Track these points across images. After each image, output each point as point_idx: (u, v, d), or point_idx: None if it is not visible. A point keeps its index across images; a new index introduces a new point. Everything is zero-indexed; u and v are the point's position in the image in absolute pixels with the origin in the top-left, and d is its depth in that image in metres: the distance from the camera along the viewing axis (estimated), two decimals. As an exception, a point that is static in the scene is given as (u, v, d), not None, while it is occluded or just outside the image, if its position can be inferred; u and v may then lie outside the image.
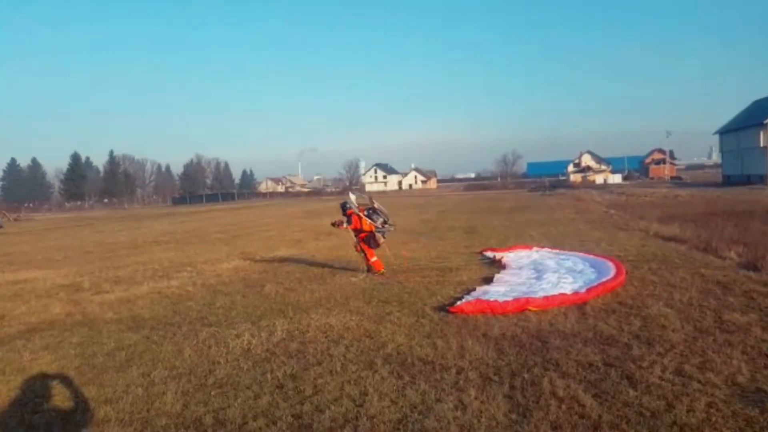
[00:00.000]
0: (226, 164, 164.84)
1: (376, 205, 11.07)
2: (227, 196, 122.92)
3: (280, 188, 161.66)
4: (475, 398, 4.23)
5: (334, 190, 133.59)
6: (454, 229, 19.76)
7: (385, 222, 10.73)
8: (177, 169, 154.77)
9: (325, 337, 6.23)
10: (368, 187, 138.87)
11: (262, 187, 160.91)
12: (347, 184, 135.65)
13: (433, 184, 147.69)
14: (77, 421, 4.15)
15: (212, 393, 4.66)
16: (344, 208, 11.36)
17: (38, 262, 15.98)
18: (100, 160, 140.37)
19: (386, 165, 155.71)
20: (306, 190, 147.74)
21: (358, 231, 10.70)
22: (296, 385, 4.76)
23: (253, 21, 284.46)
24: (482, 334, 6.02)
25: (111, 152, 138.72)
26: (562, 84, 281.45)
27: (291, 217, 36.44)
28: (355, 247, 10.88)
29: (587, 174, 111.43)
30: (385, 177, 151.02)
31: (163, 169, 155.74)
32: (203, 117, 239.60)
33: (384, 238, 10.67)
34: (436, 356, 5.34)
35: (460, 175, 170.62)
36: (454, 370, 4.91)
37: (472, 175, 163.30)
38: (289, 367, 5.23)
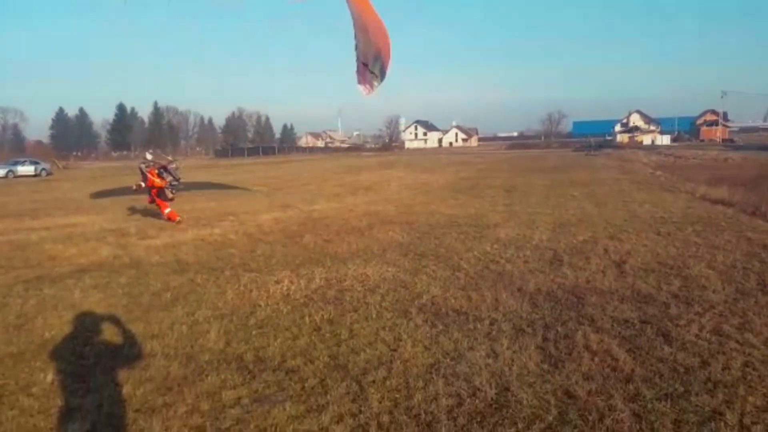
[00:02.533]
0: (267, 118, 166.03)
1: (170, 166, 13.33)
2: (268, 150, 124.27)
3: (320, 143, 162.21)
4: (507, 348, 4.29)
5: (373, 146, 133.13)
6: (493, 187, 19.53)
7: (173, 180, 12.77)
8: (219, 121, 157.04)
9: (362, 286, 6.38)
10: (408, 144, 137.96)
11: (302, 142, 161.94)
12: (387, 140, 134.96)
13: (474, 142, 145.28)
14: (125, 354, 4.44)
15: (253, 333, 4.89)
16: (142, 169, 12.95)
17: (86, 208, 16.75)
18: (145, 111, 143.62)
19: (427, 122, 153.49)
20: (345, 146, 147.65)
21: (151, 187, 12.40)
22: (333, 329, 4.93)
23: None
24: (517, 288, 6.04)
25: (155, 103, 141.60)
26: (610, 40, 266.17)
27: (330, 172, 36.72)
28: (149, 200, 12.68)
29: (635, 134, 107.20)
30: (425, 134, 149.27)
31: (206, 121, 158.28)
32: (246, 70, 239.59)
33: (173, 193, 12.56)
34: (470, 308, 5.41)
35: (502, 134, 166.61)
36: (487, 321, 4.98)
37: (515, 134, 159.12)
38: (326, 312, 5.41)
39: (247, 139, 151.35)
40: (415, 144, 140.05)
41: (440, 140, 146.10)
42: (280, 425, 3.26)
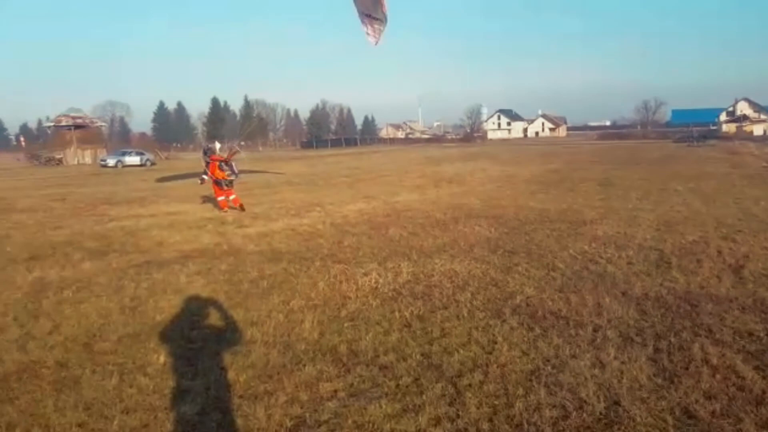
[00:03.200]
0: (349, 110, 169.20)
1: (233, 156, 14.77)
2: (350, 141, 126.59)
3: (400, 134, 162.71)
4: (615, 358, 4.02)
5: (455, 136, 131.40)
6: (586, 180, 18.60)
7: (231, 173, 13.53)
8: (304, 114, 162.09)
9: (450, 283, 6.28)
10: (491, 134, 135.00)
11: (383, 133, 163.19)
12: (468, 131, 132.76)
13: (562, 131, 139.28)
14: (228, 339, 4.65)
15: (345, 325, 4.95)
16: (206, 152, 14.54)
17: (187, 197, 17.83)
18: (236, 105, 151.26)
19: (510, 111, 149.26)
20: (426, 136, 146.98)
21: (212, 176, 13.48)
22: (424, 326, 4.88)
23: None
24: (622, 292, 5.68)
25: (246, 97, 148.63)
26: (711, 21, 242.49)
27: (411, 162, 36.71)
28: (215, 187, 13.60)
29: (743, 124, 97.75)
30: (509, 124, 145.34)
31: (292, 113, 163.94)
32: (329, 63, 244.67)
33: (226, 186, 13.43)
34: (570, 311, 5.15)
35: (593, 123, 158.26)
36: (590, 327, 4.70)
37: (607, 123, 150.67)
38: (416, 308, 5.37)
39: (330, 131, 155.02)
40: (498, 134, 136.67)
41: (525, 130, 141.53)
42: (377, 423, 3.26)
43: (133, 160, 52.15)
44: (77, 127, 66.69)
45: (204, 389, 3.70)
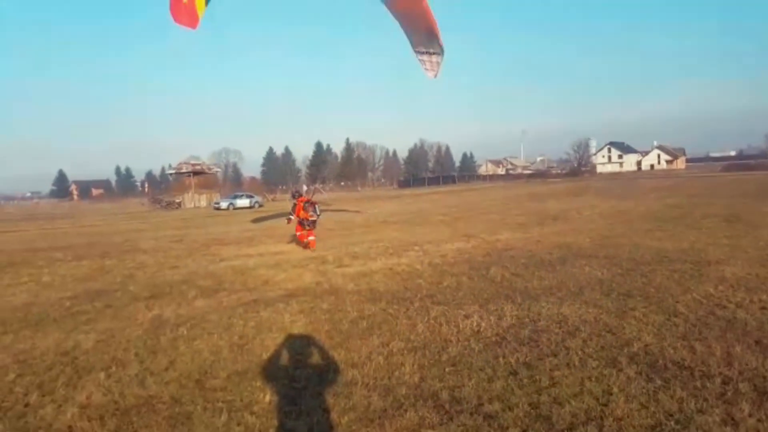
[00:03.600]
0: (447, 148, 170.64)
1: (318, 198, 16.00)
2: (448, 179, 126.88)
3: (501, 171, 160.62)
4: (749, 415, 3.57)
5: (560, 171, 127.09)
6: (710, 216, 17.05)
7: (314, 213, 14.75)
8: (402, 153, 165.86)
9: (559, 328, 5.96)
10: (600, 168, 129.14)
11: (482, 170, 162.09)
12: (575, 165, 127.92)
13: (680, 164, 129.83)
14: (329, 380, 4.72)
15: (446, 370, 4.85)
16: (294, 195, 15.93)
17: (291, 237, 18.71)
18: (338, 147, 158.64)
19: (622, 143, 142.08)
20: (528, 172, 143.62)
21: (298, 217, 14.90)
22: (531, 374, 4.65)
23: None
24: (755, 341, 5.07)
25: (347, 140, 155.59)
26: None
27: (513, 200, 35.93)
28: (299, 226, 15.04)
29: None
30: (620, 157, 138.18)
31: (390, 153, 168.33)
32: (429, 104, 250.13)
33: (309, 227, 14.67)
34: (695, 361, 4.67)
35: (715, 153, 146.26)
36: (718, 379, 4.23)
37: (732, 153, 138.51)
38: (521, 354, 5.15)
39: (428, 169, 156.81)
40: (609, 168, 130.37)
41: (639, 163, 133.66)
42: (482, 476, 3.11)
43: (243, 202, 56.06)
44: (195, 173, 73.24)
45: (307, 430, 3.77)
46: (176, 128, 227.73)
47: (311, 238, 14.51)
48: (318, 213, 15.00)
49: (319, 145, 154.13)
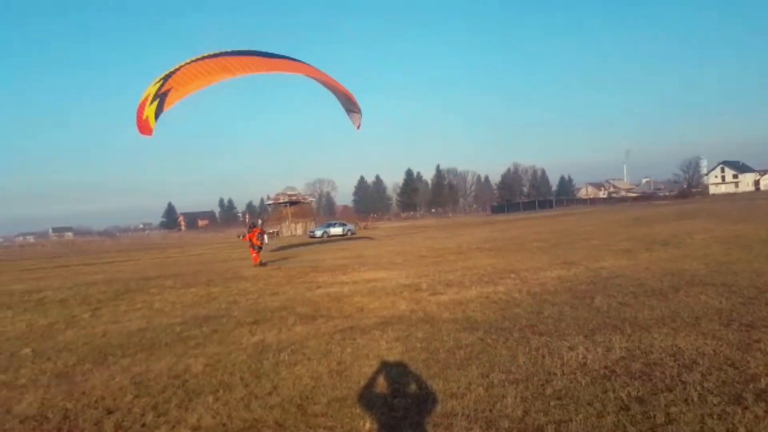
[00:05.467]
0: (543, 171, 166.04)
1: (266, 233, 26.33)
2: (544, 204, 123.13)
3: (602, 194, 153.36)
4: None
5: (668, 193, 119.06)
6: None
7: (261, 240, 23.65)
8: (495, 178, 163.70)
9: (674, 361, 5.55)
10: (713, 189, 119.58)
11: (582, 193, 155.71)
12: (684, 186, 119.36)
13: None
14: (428, 410, 4.71)
15: (551, 403, 4.67)
16: (252, 225, 24.17)
17: (384, 264, 19.00)
18: (428, 174, 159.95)
19: (737, 162, 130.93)
20: (633, 195, 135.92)
21: (250, 241, 23.29)
22: (644, 410, 4.36)
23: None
24: None
25: (437, 167, 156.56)
26: None
27: (616, 224, 34.07)
28: (251, 248, 23.52)
29: None
30: (735, 176, 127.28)
31: (482, 179, 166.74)
32: (520, 127, 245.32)
33: (256, 249, 23.19)
34: (841, 402, 4.15)
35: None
36: None
37: None
38: (633, 389, 4.85)
39: (523, 194, 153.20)
40: (723, 188, 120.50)
41: (757, 182, 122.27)
42: None
43: (336, 230, 57.95)
44: (292, 203, 76.86)
45: (407, 460, 3.78)
46: (274, 161, 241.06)
47: (254, 255, 23.22)
48: (264, 241, 24.67)
49: (409, 173, 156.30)
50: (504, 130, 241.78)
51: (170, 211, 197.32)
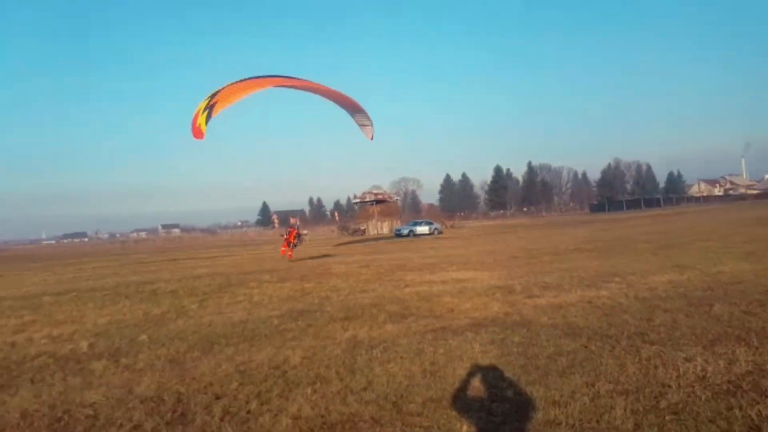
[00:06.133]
0: (648, 167, 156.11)
1: (302, 233, 30.49)
2: (651, 202, 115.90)
3: (717, 191, 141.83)
4: None
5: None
6: None
7: (298, 240, 28.33)
8: (593, 175, 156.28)
9: (816, 380, 5.01)
10: None
11: (693, 190, 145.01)
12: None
13: None
14: (529, 417, 4.58)
15: (666, 418, 4.37)
16: (291, 227, 28.57)
17: (473, 264, 18.74)
18: (519, 171, 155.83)
19: None
20: (754, 192, 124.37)
21: (287, 240, 27.55)
22: (780, 434, 3.97)
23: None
24: None
25: (529, 163, 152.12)
26: None
27: (736, 224, 31.35)
28: (285, 244, 27.79)
29: None
30: None
31: (579, 175, 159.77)
32: (621, 120, 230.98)
33: (292, 246, 27.49)
34: None
35: None
36: None
37: None
38: (764, 408, 4.42)
39: (626, 191, 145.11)
40: None
41: None
42: None
43: (422, 229, 58.02)
44: (378, 201, 77.96)
45: (509, 467, 3.69)
46: (361, 160, 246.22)
47: (288, 253, 27.58)
48: (301, 240, 30.58)
49: (498, 170, 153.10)
50: (603, 122, 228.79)
51: (265, 209, 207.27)
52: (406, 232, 57.19)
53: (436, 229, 59.62)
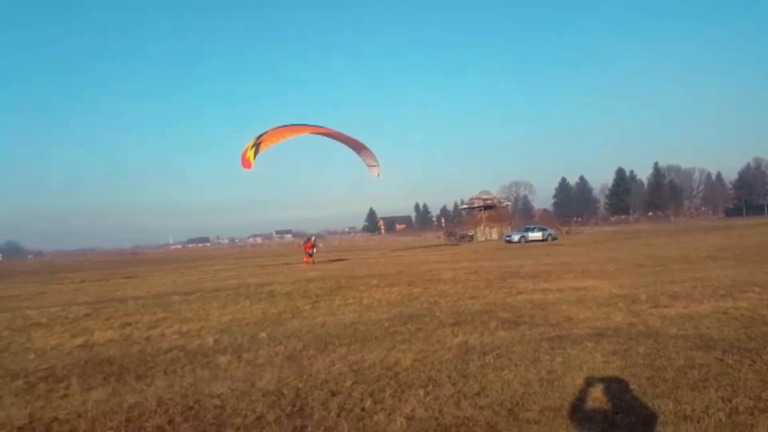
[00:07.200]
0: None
1: (317, 243, 41.70)
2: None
3: None
4: None
5: None
6: None
7: (314, 249, 37.43)
8: (729, 176, 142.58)
9: None
10: None
11: None
12: None
13: None
14: (657, 431, 4.36)
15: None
16: (307, 239, 39.63)
17: (593, 272, 17.90)
18: (644, 173, 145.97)
19: None
20: None
21: (305, 249, 37.91)
22: None
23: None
24: None
25: (656, 164, 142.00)
26: None
27: None
28: (305, 255, 37.38)
29: None
30: None
31: (713, 177, 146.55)
32: (762, 115, 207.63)
33: (310, 255, 36.76)
34: None
35: None
36: None
37: None
38: None
39: (767, 194, 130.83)
40: None
41: None
42: None
43: (535, 235, 56.21)
44: (487, 207, 76.85)
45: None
46: (468, 165, 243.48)
47: (307, 260, 35.59)
48: (316, 250, 37.81)
49: (620, 172, 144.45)
50: (741, 118, 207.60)
51: (371, 215, 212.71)
52: (517, 238, 55.63)
53: (550, 234, 57.42)
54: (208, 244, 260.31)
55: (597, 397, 5.30)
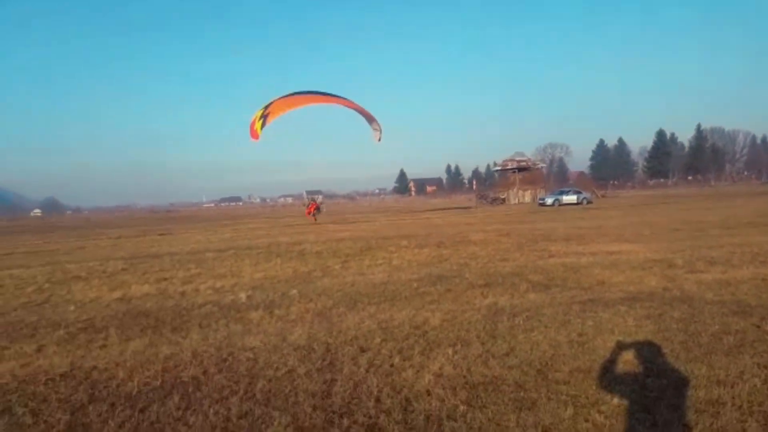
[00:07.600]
0: None
1: (321, 206, 51.23)
2: None
3: None
4: None
5: None
6: None
7: (317, 211, 43.96)
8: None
9: None
10: None
11: None
12: None
13: None
14: (689, 395, 4.33)
15: None
16: (311, 201, 49.52)
17: (627, 236, 17.58)
18: (685, 136, 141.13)
19: None
20: None
21: (309, 211, 44.30)
22: None
23: None
24: None
25: (698, 126, 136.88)
26: None
27: None
28: (309, 215, 43.86)
29: None
30: None
31: (758, 140, 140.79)
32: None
33: (315, 215, 42.87)
34: None
35: None
36: None
37: None
38: None
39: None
40: None
41: None
42: None
43: (570, 198, 55.34)
44: (520, 169, 75.73)
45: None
46: (502, 125, 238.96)
47: (312, 217, 41.82)
48: (320, 211, 44.35)
49: (660, 134, 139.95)
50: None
51: (402, 177, 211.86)
52: (550, 201, 54.88)
53: (585, 198, 56.49)
54: (240, 203, 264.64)
55: (628, 360, 5.28)
